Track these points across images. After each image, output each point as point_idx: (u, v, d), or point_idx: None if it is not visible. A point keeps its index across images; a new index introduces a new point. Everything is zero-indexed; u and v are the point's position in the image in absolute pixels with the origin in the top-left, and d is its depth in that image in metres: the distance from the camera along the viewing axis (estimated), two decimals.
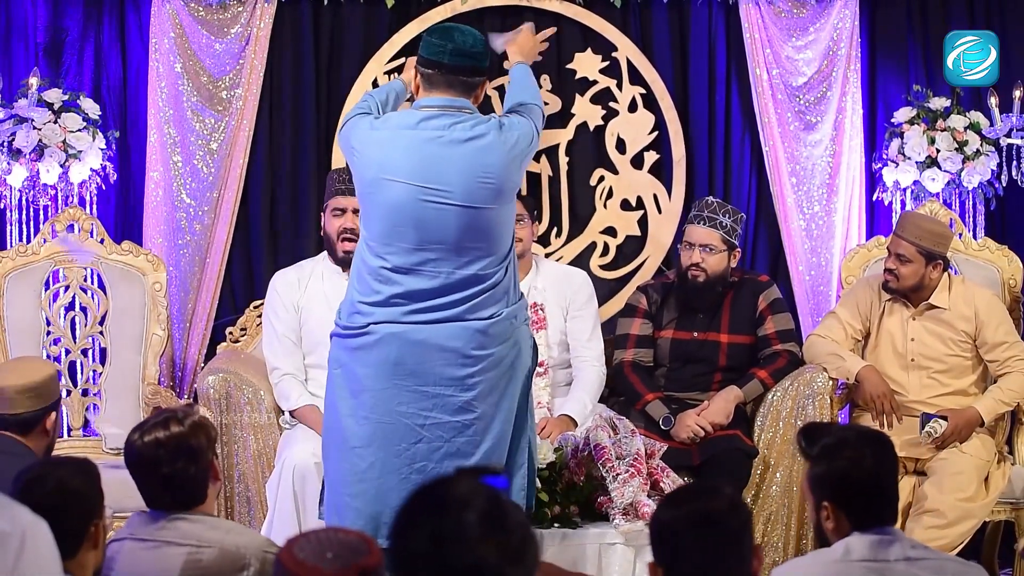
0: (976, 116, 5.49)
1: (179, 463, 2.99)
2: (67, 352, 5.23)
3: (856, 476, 2.77)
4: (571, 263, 5.44)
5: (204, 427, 3.06)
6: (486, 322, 3.73)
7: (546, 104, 5.58)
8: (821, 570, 2.78)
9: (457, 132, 3.69)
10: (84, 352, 5.24)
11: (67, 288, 5.24)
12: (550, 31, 4.30)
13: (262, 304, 5.12)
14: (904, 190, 5.56)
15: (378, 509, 3.69)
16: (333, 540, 2.20)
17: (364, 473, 3.71)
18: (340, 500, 3.76)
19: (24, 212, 5.34)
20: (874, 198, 5.67)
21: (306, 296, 4.86)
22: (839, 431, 2.90)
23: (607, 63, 5.62)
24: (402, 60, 5.43)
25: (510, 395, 3.78)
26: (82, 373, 5.24)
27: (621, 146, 5.65)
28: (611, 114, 5.64)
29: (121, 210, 5.55)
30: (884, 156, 5.59)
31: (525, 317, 3.88)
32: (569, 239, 5.64)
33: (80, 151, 5.24)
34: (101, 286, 5.26)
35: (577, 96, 5.63)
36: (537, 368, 4.89)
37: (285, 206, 5.57)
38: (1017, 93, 5.48)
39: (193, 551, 2.96)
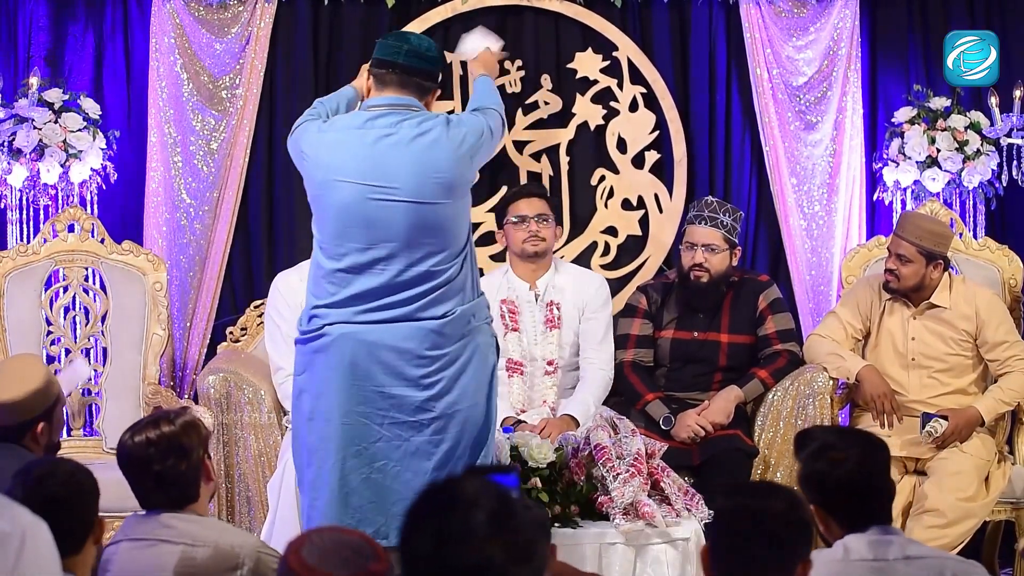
0: (976, 116, 5.49)
1: (169, 461, 3.01)
2: (67, 352, 5.23)
3: (837, 478, 2.79)
4: (572, 263, 5.44)
5: (195, 426, 3.08)
6: (439, 321, 3.74)
7: (547, 104, 5.61)
8: (823, 570, 2.78)
9: (404, 130, 3.71)
10: (85, 352, 5.24)
11: (67, 288, 5.24)
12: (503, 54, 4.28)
13: (262, 304, 5.12)
14: (904, 190, 5.56)
15: (340, 510, 3.72)
16: (339, 543, 2.19)
17: (327, 475, 3.74)
18: (308, 502, 3.80)
19: (24, 212, 5.34)
20: (874, 198, 5.67)
21: None
22: (824, 434, 2.92)
23: (608, 63, 5.62)
24: None
25: (470, 394, 3.78)
26: None
27: (622, 145, 5.65)
28: (612, 114, 5.64)
29: (121, 210, 5.55)
30: (884, 156, 5.59)
31: (486, 316, 3.88)
32: (570, 239, 5.64)
33: (80, 151, 5.25)
34: (102, 286, 5.26)
35: (578, 96, 5.63)
36: (546, 367, 4.92)
37: (285, 206, 5.57)
38: (1017, 93, 5.48)
39: (187, 549, 2.97)
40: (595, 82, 5.63)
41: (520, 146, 5.61)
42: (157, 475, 3.01)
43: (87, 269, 5.26)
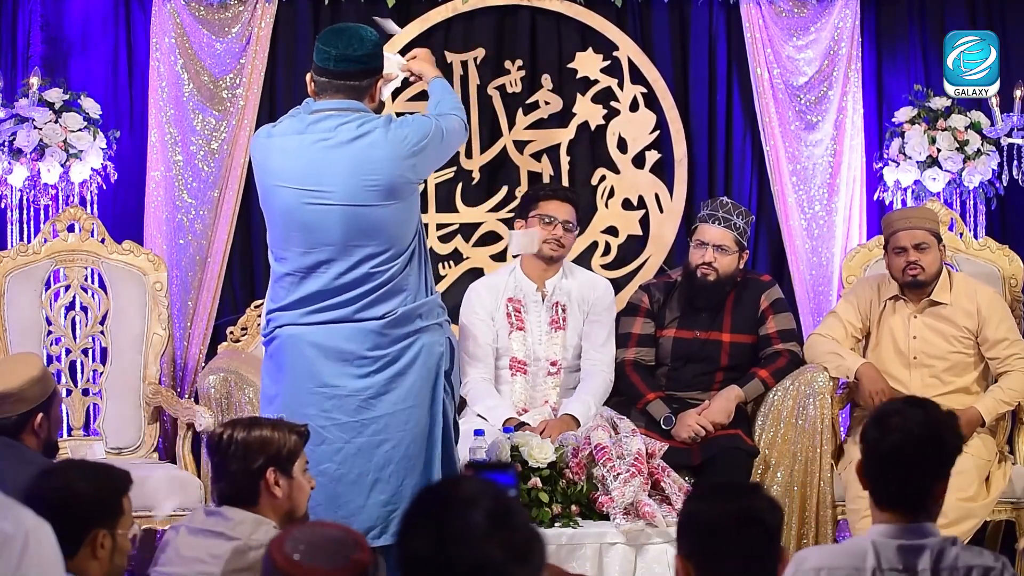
0: (977, 116, 5.49)
1: (230, 460, 3.14)
2: (68, 352, 5.23)
3: (878, 450, 2.72)
4: (572, 263, 5.43)
5: (265, 442, 3.16)
6: (379, 321, 3.76)
7: (547, 104, 5.61)
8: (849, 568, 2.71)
9: (343, 133, 3.73)
10: (85, 352, 5.24)
11: (68, 288, 5.24)
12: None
13: (262, 303, 5.12)
14: (905, 190, 5.56)
15: None
16: (321, 537, 2.22)
17: None
18: None
19: (25, 212, 5.33)
20: (875, 198, 5.67)
21: None
22: (894, 403, 2.85)
23: (608, 62, 5.62)
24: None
25: (413, 394, 3.80)
26: (83, 373, 5.24)
27: (622, 145, 5.65)
28: (612, 113, 5.64)
29: (122, 210, 5.55)
30: (885, 156, 5.59)
31: (439, 316, 3.89)
32: None
33: (81, 151, 5.24)
34: (102, 286, 5.26)
35: (578, 95, 5.63)
36: (549, 367, 4.92)
37: None
38: (1017, 93, 5.48)
39: (241, 546, 3.02)
40: (595, 82, 5.62)
41: (520, 146, 5.61)
42: (216, 466, 3.18)
43: (87, 269, 5.26)
